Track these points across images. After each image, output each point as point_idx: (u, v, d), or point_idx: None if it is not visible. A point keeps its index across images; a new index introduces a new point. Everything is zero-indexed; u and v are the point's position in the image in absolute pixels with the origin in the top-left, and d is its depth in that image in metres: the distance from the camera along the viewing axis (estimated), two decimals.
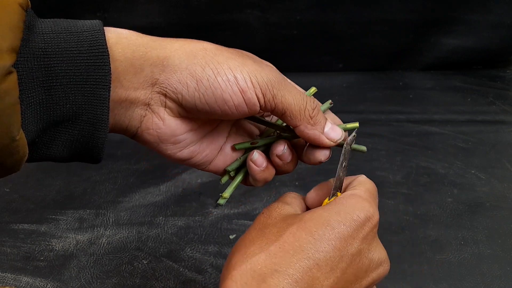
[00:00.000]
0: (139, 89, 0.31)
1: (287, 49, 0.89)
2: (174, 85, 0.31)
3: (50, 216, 0.62)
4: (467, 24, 0.86)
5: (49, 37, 0.28)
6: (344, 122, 0.39)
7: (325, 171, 0.69)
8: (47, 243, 0.59)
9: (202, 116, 0.33)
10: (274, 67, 0.35)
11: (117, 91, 0.31)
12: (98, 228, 0.61)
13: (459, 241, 0.58)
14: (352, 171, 0.68)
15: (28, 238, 0.59)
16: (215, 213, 0.62)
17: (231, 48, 0.33)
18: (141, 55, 0.31)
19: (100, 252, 0.57)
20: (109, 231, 0.60)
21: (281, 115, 0.34)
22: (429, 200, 0.64)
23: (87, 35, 0.29)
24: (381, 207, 0.62)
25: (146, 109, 0.32)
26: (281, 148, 0.36)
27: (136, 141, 0.35)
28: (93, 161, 0.33)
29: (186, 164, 0.37)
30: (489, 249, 0.57)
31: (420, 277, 0.54)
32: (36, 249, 0.58)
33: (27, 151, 0.28)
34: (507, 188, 0.66)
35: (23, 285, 0.54)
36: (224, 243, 0.58)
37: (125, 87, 0.31)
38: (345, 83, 0.88)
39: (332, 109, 0.39)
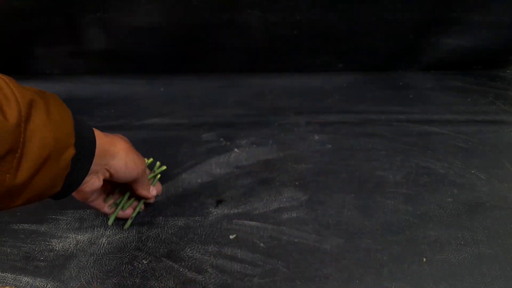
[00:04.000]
0: (98, 166, 0.50)
1: (287, 49, 0.88)
2: (114, 166, 0.52)
3: (50, 216, 0.62)
4: (467, 24, 0.86)
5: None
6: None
7: (325, 171, 0.69)
8: (47, 243, 0.59)
9: (119, 180, 0.54)
10: (144, 161, 0.57)
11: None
12: (98, 228, 0.61)
13: (459, 241, 0.58)
14: (352, 171, 0.68)
15: (28, 238, 0.59)
16: (215, 213, 0.62)
17: (134, 150, 0.55)
18: (106, 148, 0.50)
19: (100, 252, 0.58)
20: (109, 231, 0.60)
21: (136, 184, 0.58)
22: (429, 200, 0.64)
23: (88, 142, 0.48)
24: (381, 207, 0.63)
25: (94, 174, 0.51)
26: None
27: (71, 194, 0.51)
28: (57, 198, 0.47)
29: (87, 202, 0.56)
30: (489, 249, 0.57)
31: (420, 277, 0.54)
32: (36, 249, 0.58)
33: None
34: (507, 188, 0.66)
35: (23, 285, 0.54)
36: (224, 243, 0.58)
37: (93, 165, 0.49)
38: (345, 83, 0.88)
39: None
